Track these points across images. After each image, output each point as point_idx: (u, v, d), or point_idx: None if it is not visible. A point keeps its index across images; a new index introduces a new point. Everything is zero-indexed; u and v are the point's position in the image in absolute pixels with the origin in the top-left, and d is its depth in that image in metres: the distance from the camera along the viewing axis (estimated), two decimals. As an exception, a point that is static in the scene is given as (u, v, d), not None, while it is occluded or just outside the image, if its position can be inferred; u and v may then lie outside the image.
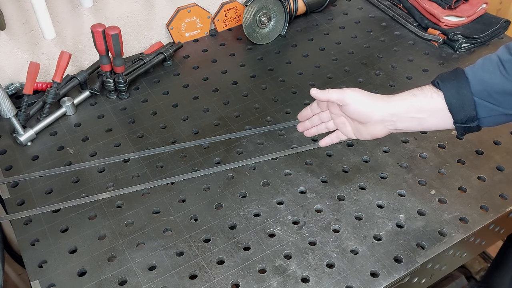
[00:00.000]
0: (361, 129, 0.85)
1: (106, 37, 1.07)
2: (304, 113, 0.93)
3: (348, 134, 0.88)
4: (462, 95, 0.74)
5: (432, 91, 0.77)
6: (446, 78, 0.76)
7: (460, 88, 0.74)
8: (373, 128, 0.83)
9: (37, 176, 1.01)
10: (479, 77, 0.73)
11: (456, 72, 0.76)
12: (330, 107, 0.88)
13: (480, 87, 0.73)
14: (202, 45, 1.37)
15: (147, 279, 0.83)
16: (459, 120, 0.76)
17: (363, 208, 0.94)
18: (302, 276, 0.83)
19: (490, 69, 0.73)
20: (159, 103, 1.18)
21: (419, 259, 0.85)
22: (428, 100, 0.77)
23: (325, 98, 0.84)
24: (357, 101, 0.81)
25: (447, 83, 0.75)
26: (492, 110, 0.73)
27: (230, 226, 0.91)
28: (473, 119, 0.75)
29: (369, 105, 0.81)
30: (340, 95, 0.82)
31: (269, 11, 1.34)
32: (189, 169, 1.02)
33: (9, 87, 1.17)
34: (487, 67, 0.74)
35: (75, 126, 1.13)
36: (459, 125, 0.76)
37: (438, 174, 1.00)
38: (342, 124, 0.88)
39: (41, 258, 0.86)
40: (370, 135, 0.84)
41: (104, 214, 0.93)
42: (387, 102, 0.81)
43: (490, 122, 0.75)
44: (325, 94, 0.84)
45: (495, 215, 0.93)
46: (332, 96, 0.83)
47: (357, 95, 0.82)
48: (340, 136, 0.90)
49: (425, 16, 1.39)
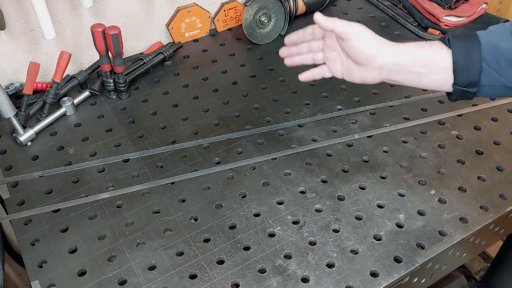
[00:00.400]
0: (353, 70, 0.80)
1: (106, 37, 1.07)
2: (293, 37, 0.86)
3: (335, 72, 0.83)
4: (471, 58, 0.71)
5: (441, 47, 0.74)
6: (458, 36, 0.73)
7: (470, 50, 0.71)
8: (368, 73, 0.79)
9: (37, 176, 1.01)
10: (491, 42, 0.71)
11: (468, 33, 0.73)
12: (326, 37, 0.82)
13: (490, 53, 0.71)
14: (202, 45, 1.37)
15: (147, 279, 0.83)
16: (459, 83, 0.73)
17: (363, 208, 0.94)
18: (302, 276, 0.83)
19: (504, 36, 0.71)
20: (159, 103, 1.18)
21: (419, 259, 0.85)
22: (436, 55, 0.74)
23: (329, 27, 0.77)
24: (363, 40, 0.77)
25: (459, 41, 0.73)
26: (495, 79, 0.71)
27: (230, 226, 0.91)
28: (474, 85, 0.72)
29: (374, 47, 0.77)
30: (347, 28, 0.76)
31: (269, 11, 1.34)
32: (189, 169, 1.02)
33: (9, 87, 1.17)
34: (501, 33, 0.71)
35: (75, 126, 1.13)
36: (458, 88, 0.74)
37: (438, 174, 1.00)
38: (332, 60, 0.82)
39: (41, 258, 0.86)
40: (361, 78, 0.80)
41: (104, 214, 0.93)
42: (394, 48, 0.77)
43: (488, 91, 0.73)
44: (330, 23, 0.77)
45: (495, 215, 0.93)
46: (339, 28, 0.77)
47: (365, 33, 0.77)
48: (324, 73, 0.85)
49: (425, 16, 1.39)
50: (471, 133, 1.10)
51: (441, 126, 1.11)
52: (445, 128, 1.11)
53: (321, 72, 0.86)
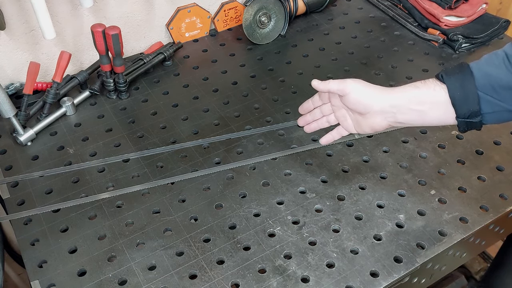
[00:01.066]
0: (361, 121, 0.84)
1: (106, 37, 1.07)
2: (306, 106, 0.93)
3: (349, 128, 0.88)
4: (466, 89, 0.73)
5: (436, 84, 0.76)
6: (450, 71, 0.75)
7: (465, 82, 0.73)
8: (373, 120, 0.82)
9: (37, 176, 1.01)
10: (484, 71, 0.73)
11: (461, 66, 0.75)
12: (331, 99, 0.87)
13: (485, 81, 0.72)
14: (202, 45, 1.37)
15: (147, 279, 0.83)
16: (461, 115, 0.75)
17: (363, 208, 0.94)
18: (302, 276, 0.83)
19: (496, 63, 0.72)
20: (159, 103, 1.18)
21: (419, 259, 0.85)
22: (431, 92, 0.76)
23: (326, 89, 0.85)
24: (357, 91, 0.81)
25: (451, 76, 0.75)
26: (496, 105, 0.72)
27: (230, 226, 0.91)
28: (476, 114, 0.74)
29: (369, 95, 0.81)
30: (340, 85, 0.82)
31: (269, 11, 1.34)
32: (189, 169, 1.02)
33: (9, 87, 1.17)
34: (493, 61, 0.73)
35: (75, 126, 1.13)
36: (462, 120, 0.75)
37: (438, 174, 1.00)
38: (343, 118, 0.87)
39: (41, 258, 0.86)
40: (370, 127, 0.84)
41: (104, 214, 0.93)
42: (388, 93, 0.80)
43: (493, 118, 0.75)
44: (326, 85, 0.84)
45: (495, 215, 0.93)
46: (333, 87, 0.83)
47: (357, 85, 0.82)
48: (341, 132, 0.90)
49: (425, 16, 1.39)
50: (471, 133, 1.09)
51: (441, 126, 1.11)
52: (445, 128, 1.11)
53: (338, 132, 0.91)
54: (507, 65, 0.71)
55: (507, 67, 0.71)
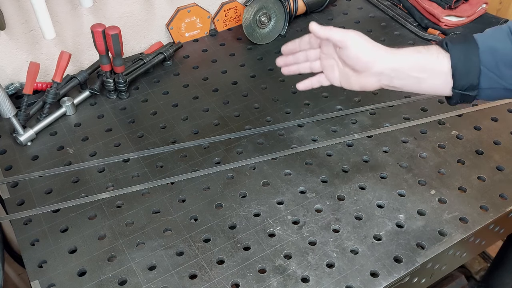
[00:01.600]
0: (351, 78, 0.80)
1: (106, 37, 1.07)
2: (291, 46, 0.85)
3: (333, 80, 0.83)
4: (470, 61, 0.71)
5: (439, 51, 0.74)
6: (456, 40, 0.73)
7: (469, 54, 0.71)
8: (366, 80, 0.78)
9: (37, 176, 1.01)
10: (489, 44, 0.71)
11: (466, 36, 0.73)
12: (323, 46, 0.81)
13: (489, 56, 0.70)
14: (202, 45, 1.37)
15: (147, 279, 0.83)
16: (459, 86, 0.73)
17: (363, 208, 0.94)
18: (302, 276, 0.83)
19: (501, 38, 0.70)
20: (159, 103, 1.18)
21: (419, 259, 0.85)
22: (434, 59, 0.74)
23: (325, 36, 0.77)
24: (359, 46, 0.76)
25: (456, 45, 0.72)
26: (495, 82, 0.71)
27: (230, 226, 0.91)
28: (474, 88, 0.72)
29: (372, 53, 0.76)
30: (342, 36, 0.76)
31: (269, 11, 1.34)
32: (189, 169, 1.02)
33: (9, 87, 1.17)
34: (498, 35, 0.71)
35: (75, 126, 1.13)
36: (457, 92, 0.73)
37: (438, 174, 1.00)
38: (330, 67, 0.81)
39: (41, 258, 0.86)
40: (360, 86, 0.80)
41: (104, 214, 0.93)
42: (391, 54, 0.76)
43: (488, 94, 0.73)
44: (326, 31, 0.77)
45: (495, 215, 0.93)
46: (334, 35, 0.76)
47: (361, 40, 0.76)
48: (322, 81, 0.85)
49: (425, 16, 1.39)
50: (471, 133, 1.10)
51: (441, 126, 1.11)
52: (445, 128, 1.11)
53: (319, 81, 0.85)
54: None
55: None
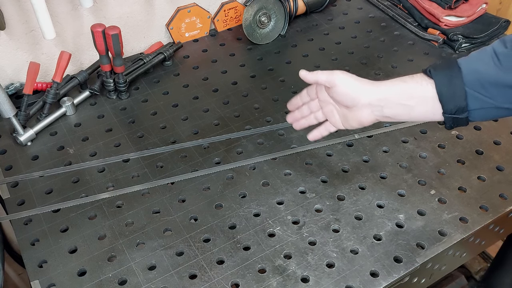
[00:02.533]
0: (348, 116, 0.84)
1: (106, 37, 1.07)
2: (294, 102, 0.92)
3: (336, 124, 0.87)
4: (454, 85, 0.73)
5: (423, 79, 0.76)
6: (438, 66, 0.75)
7: (452, 78, 0.73)
8: (360, 114, 0.82)
9: (37, 176, 1.01)
10: (472, 67, 0.73)
11: (449, 61, 0.75)
12: (319, 93, 0.87)
13: (472, 77, 0.72)
14: (202, 45, 1.37)
15: (147, 279, 0.83)
16: (448, 111, 0.75)
17: (362, 208, 0.94)
18: (301, 276, 0.83)
19: (484, 60, 0.72)
20: (159, 103, 1.18)
21: (419, 259, 0.85)
22: (418, 87, 0.76)
23: (314, 80, 0.84)
24: (345, 83, 0.81)
25: (439, 71, 0.75)
26: (483, 102, 0.72)
27: (230, 226, 0.91)
28: (463, 110, 0.74)
29: (357, 88, 0.80)
30: (328, 76, 0.82)
31: (269, 11, 1.34)
32: (189, 169, 1.02)
33: (9, 87, 1.17)
34: (481, 57, 0.73)
35: (75, 126, 1.13)
36: (448, 116, 0.75)
37: (438, 174, 1.00)
38: (330, 113, 0.87)
39: (41, 258, 0.86)
40: (357, 121, 0.83)
41: (104, 214, 0.93)
42: (376, 87, 0.80)
43: (480, 115, 0.74)
44: (314, 76, 0.83)
45: (495, 215, 0.93)
46: (321, 78, 0.83)
47: (345, 77, 0.81)
48: (328, 128, 0.89)
49: (425, 16, 1.39)
50: (471, 133, 1.10)
51: (441, 126, 1.11)
52: (445, 128, 1.10)
53: (326, 129, 0.90)
54: (495, 62, 0.71)
55: (495, 63, 0.70)
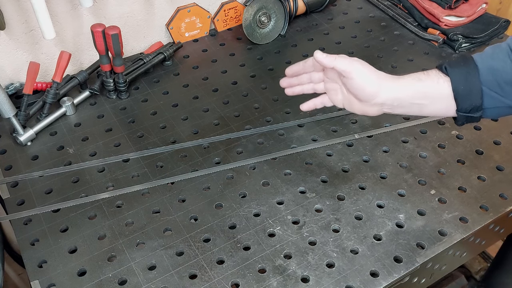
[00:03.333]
0: (354, 104, 0.80)
1: (106, 37, 1.07)
2: (295, 69, 0.86)
3: (336, 102, 0.83)
4: (471, 83, 0.71)
5: (439, 76, 0.74)
6: (454, 64, 0.73)
7: (469, 76, 0.71)
8: (368, 108, 0.79)
9: (37, 176, 1.01)
10: (489, 65, 0.71)
11: (465, 58, 0.73)
12: (327, 70, 0.82)
13: (489, 76, 0.70)
14: (202, 45, 1.37)
15: (147, 279, 0.83)
16: (463, 109, 0.73)
17: (363, 208, 0.94)
18: (302, 276, 0.83)
19: (501, 57, 0.70)
20: (159, 103, 1.18)
21: (419, 259, 0.85)
22: (435, 85, 0.74)
23: (331, 65, 0.77)
24: (364, 78, 0.76)
25: (455, 68, 0.72)
26: (498, 101, 0.71)
27: (230, 226, 0.91)
28: (478, 109, 0.72)
29: (375, 85, 0.76)
30: (348, 66, 0.76)
31: (269, 11, 1.34)
32: (189, 169, 1.02)
33: (9, 87, 1.17)
34: (497, 55, 0.71)
35: (75, 126, 1.13)
36: (462, 114, 0.73)
37: (438, 174, 1.00)
38: (333, 91, 0.82)
39: (41, 258, 0.86)
40: (362, 111, 0.80)
41: (104, 214, 0.93)
42: (393, 83, 0.76)
43: (493, 113, 0.73)
44: (332, 61, 0.77)
45: (495, 215, 0.93)
46: (339, 65, 0.77)
47: (366, 71, 0.77)
48: (325, 102, 0.85)
49: (425, 16, 1.39)
50: (471, 133, 1.10)
51: (441, 126, 1.11)
52: (445, 128, 1.11)
53: (322, 102, 0.86)
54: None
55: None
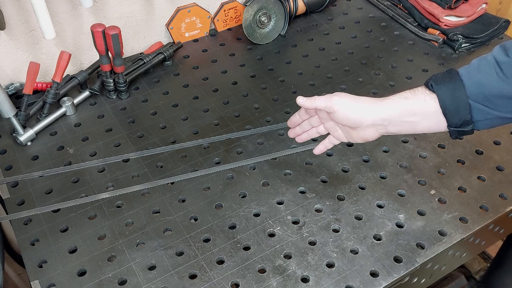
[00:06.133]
0: (352, 133, 0.83)
1: (106, 37, 1.07)
2: (293, 120, 0.91)
3: (340, 138, 0.86)
4: (457, 98, 0.71)
5: (425, 94, 0.74)
6: (440, 79, 0.73)
7: (455, 91, 0.71)
8: (364, 132, 0.81)
9: (37, 176, 1.01)
10: (475, 79, 0.70)
11: (450, 73, 0.73)
12: (318, 112, 0.86)
13: (476, 90, 0.70)
14: (202, 45, 1.37)
15: (147, 279, 0.83)
16: (453, 124, 0.73)
17: (362, 208, 0.94)
18: (302, 276, 0.83)
19: (487, 71, 0.70)
20: (159, 103, 1.18)
21: (419, 259, 0.85)
22: (421, 103, 0.74)
23: (312, 106, 0.82)
24: (345, 107, 0.79)
25: (441, 85, 0.72)
26: (487, 113, 0.71)
27: (230, 226, 0.91)
28: (468, 123, 0.72)
29: (358, 110, 0.79)
30: (327, 102, 0.80)
31: (269, 11, 1.34)
32: (189, 169, 1.02)
33: (9, 87, 1.17)
34: (483, 68, 0.70)
35: (75, 126, 1.13)
36: (453, 129, 0.74)
37: (438, 174, 1.00)
38: (333, 129, 0.86)
39: (41, 258, 0.86)
40: (362, 138, 0.83)
41: (104, 214, 0.93)
42: (377, 106, 0.78)
43: (485, 125, 0.73)
44: (312, 102, 0.82)
45: (495, 215, 0.93)
46: (319, 104, 0.81)
47: (344, 101, 0.79)
48: (332, 141, 0.89)
49: (425, 16, 1.39)
50: (468, 134, 1.09)
51: (441, 126, 1.11)
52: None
53: (330, 142, 0.89)
54: (498, 73, 0.68)
55: (498, 74, 0.68)
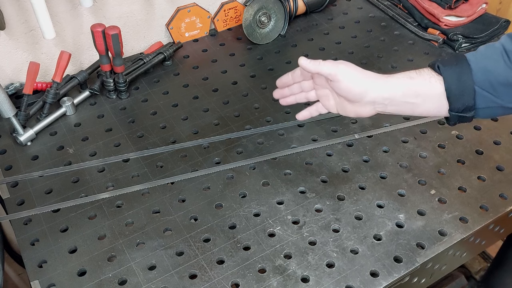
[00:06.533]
0: (346, 106, 0.79)
1: (106, 37, 1.07)
2: (284, 80, 0.86)
3: (330, 108, 0.83)
4: (463, 83, 0.70)
5: (431, 75, 0.73)
6: (447, 62, 0.72)
7: (462, 75, 0.70)
8: (361, 108, 0.78)
9: (37, 176, 1.01)
10: (482, 65, 0.69)
11: (457, 57, 0.72)
12: (315, 77, 0.82)
13: (482, 76, 0.69)
14: (202, 45, 1.37)
15: (147, 279, 0.83)
16: (455, 109, 0.72)
17: (363, 208, 0.94)
18: (302, 276, 0.83)
19: (494, 58, 0.69)
20: (159, 103, 1.18)
21: (419, 259, 0.85)
22: (427, 84, 0.73)
23: (315, 70, 0.77)
24: (350, 79, 0.75)
25: (448, 68, 0.71)
26: (491, 101, 0.70)
27: (230, 226, 0.91)
28: (470, 109, 0.71)
29: (363, 84, 0.75)
30: (332, 69, 0.76)
31: (269, 11, 1.34)
32: (189, 169, 1.02)
33: (9, 87, 1.17)
34: (491, 55, 0.70)
35: (75, 126, 1.13)
36: (454, 114, 0.73)
37: (438, 174, 1.00)
38: (325, 97, 0.82)
39: (41, 258, 0.86)
40: (356, 113, 0.79)
41: (104, 214, 0.93)
42: (383, 82, 0.75)
43: (485, 113, 0.72)
44: (316, 66, 0.77)
45: (495, 215, 0.93)
46: (323, 70, 0.76)
47: (351, 71, 0.76)
48: (320, 110, 0.85)
49: (425, 16, 1.39)
50: (471, 133, 1.10)
51: (441, 126, 1.11)
52: (445, 128, 1.11)
53: (316, 110, 0.86)
54: (506, 60, 0.68)
55: (506, 62, 0.68)
